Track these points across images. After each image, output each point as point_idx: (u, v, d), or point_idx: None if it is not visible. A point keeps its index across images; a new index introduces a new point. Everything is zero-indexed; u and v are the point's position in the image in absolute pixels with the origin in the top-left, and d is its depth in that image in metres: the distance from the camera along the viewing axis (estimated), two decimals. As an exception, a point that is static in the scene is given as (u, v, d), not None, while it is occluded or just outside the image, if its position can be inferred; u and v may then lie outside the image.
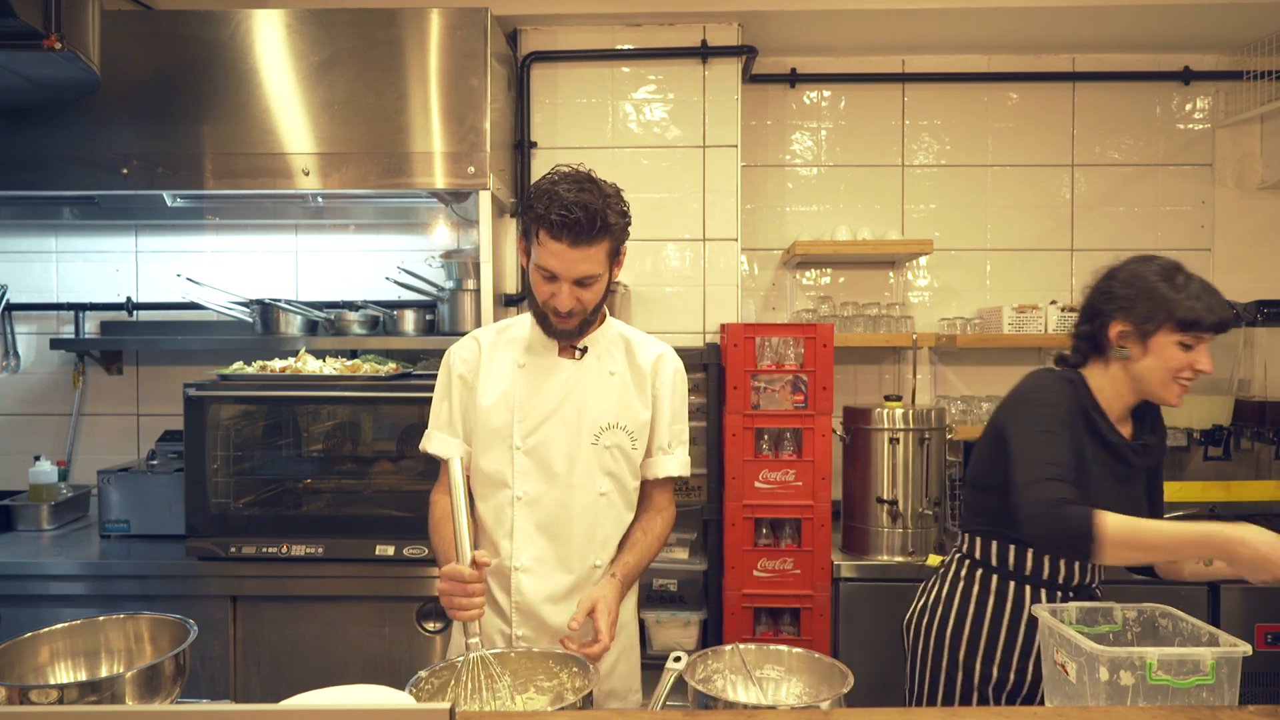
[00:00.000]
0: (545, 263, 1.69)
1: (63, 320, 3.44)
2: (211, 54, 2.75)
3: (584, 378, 1.81)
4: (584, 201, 1.63)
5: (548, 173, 1.73)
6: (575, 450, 1.79)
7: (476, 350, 1.85)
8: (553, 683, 1.56)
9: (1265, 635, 2.69)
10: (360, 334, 3.01)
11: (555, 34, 3.25)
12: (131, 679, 1.35)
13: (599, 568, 1.80)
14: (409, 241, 3.39)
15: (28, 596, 2.67)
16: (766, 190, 3.53)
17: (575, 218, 1.63)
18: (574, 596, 1.78)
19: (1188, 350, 1.80)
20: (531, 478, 1.79)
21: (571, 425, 1.79)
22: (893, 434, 2.83)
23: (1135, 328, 1.83)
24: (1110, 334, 1.86)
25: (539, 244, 1.69)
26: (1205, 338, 1.80)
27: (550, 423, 1.79)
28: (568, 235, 1.64)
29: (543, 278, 1.72)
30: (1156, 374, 1.82)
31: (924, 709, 1.73)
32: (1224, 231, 3.46)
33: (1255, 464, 3.03)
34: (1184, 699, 1.37)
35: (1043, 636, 1.58)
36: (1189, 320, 1.79)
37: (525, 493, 1.78)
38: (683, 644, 2.92)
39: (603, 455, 1.79)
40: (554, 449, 1.78)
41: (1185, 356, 1.80)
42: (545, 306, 1.74)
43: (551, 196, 1.65)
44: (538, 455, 1.78)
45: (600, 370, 1.83)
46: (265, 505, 2.84)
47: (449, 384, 1.86)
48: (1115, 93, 3.46)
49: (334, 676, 1.72)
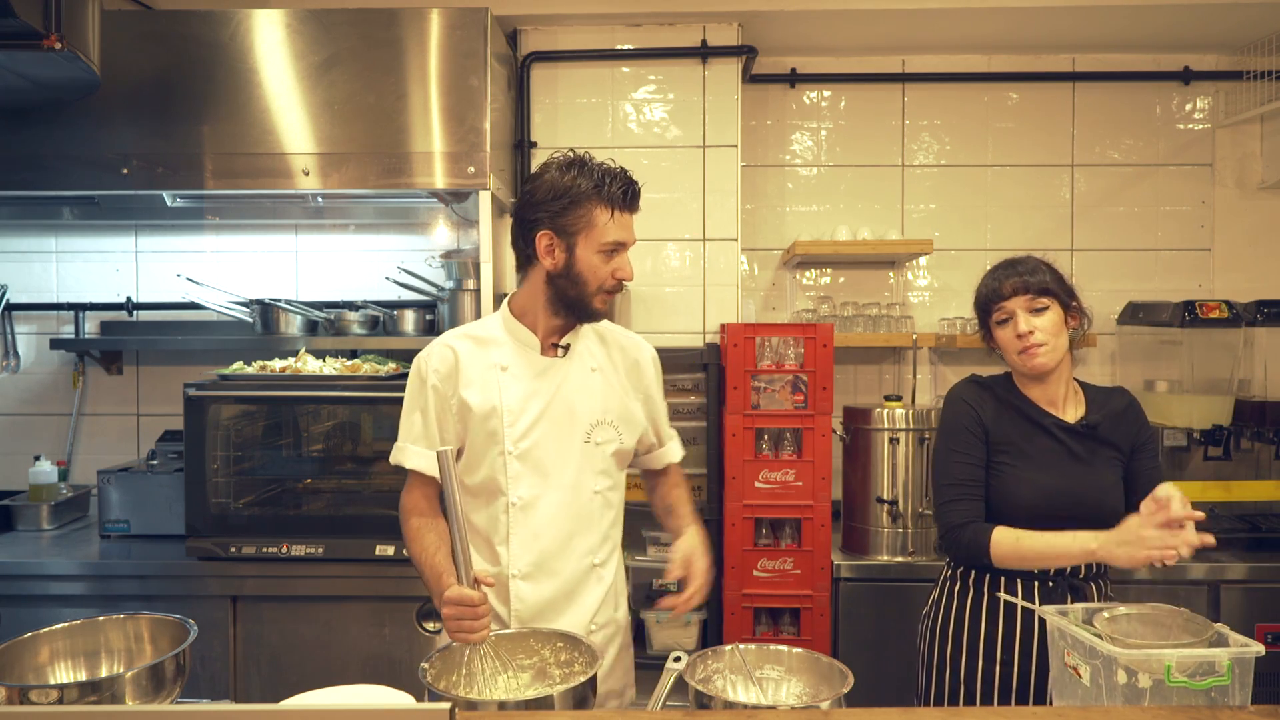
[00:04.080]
0: (615, 236, 1.72)
1: (63, 320, 3.44)
2: (211, 54, 2.75)
3: (570, 376, 1.80)
4: (625, 170, 1.73)
5: (543, 170, 1.74)
6: (568, 450, 1.77)
7: (452, 358, 1.77)
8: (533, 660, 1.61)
9: (1265, 635, 2.69)
10: (360, 334, 3.01)
11: (555, 34, 3.25)
12: (131, 679, 1.35)
13: (596, 566, 1.81)
14: (409, 241, 3.39)
15: (28, 596, 2.67)
16: (766, 190, 3.53)
17: (635, 185, 1.73)
18: (575, 599, 1.78)
19: (1004, 325, 1.92)
20: (525, 482, 1.75)
21: (563, 425, 1.77)
22: (893, 434, 2.83)
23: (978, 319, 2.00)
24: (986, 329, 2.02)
25: (603, 224, 1.70)
26: (1006, 308, 1.91)
27: (542, 424, 1.76)
28: (634, 202, 1.73)
29: (605, 257, 1.72)
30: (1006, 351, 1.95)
31: (924, 709, 1.73)
32: (1224, 231, 3.46)
33: (1255, 464, 3.03)
34: (1195, 699, 1.37)
35: (1051, 639, 1.57)
36: (978, 301, 1.97)
37: (520, 498, 1.75)
38: (683, 644, 2.91)
39: (595, 453, 1.79)
40: (547, 451, 1.76)
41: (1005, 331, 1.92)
42: (602, 288, 1.74)
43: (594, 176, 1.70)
44: (531, 459, 1.75)
45: (583, 368, 1.82)
46: (265, 505, 2.83)
47: (423, 394, 1.77)
48: (1115, 93, 3.46)
49: (334, 676, 1.71)
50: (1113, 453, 1.92)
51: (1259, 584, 2.75)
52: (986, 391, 1.98)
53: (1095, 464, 1.90)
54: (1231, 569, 2.75)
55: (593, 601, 1.80)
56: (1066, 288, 1.92)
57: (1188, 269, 3.47)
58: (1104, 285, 3.46)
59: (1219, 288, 3.45)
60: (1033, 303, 1.87)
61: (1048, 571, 1.88)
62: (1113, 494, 1.89)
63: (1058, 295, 1.89)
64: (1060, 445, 1.90)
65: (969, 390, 2.00)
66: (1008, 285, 1.89)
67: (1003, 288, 1.89)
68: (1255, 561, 2.77)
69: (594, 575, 1.80)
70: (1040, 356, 1.87)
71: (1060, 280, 1.92)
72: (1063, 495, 1.86)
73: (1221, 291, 3.43)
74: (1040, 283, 1.87)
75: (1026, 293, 1.87)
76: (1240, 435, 2.98)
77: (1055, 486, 1.87)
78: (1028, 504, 1.87)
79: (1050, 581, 1.88)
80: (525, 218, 1.74)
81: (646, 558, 2.97)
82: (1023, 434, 1.91)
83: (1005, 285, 1.89)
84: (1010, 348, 1.91)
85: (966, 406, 1.96)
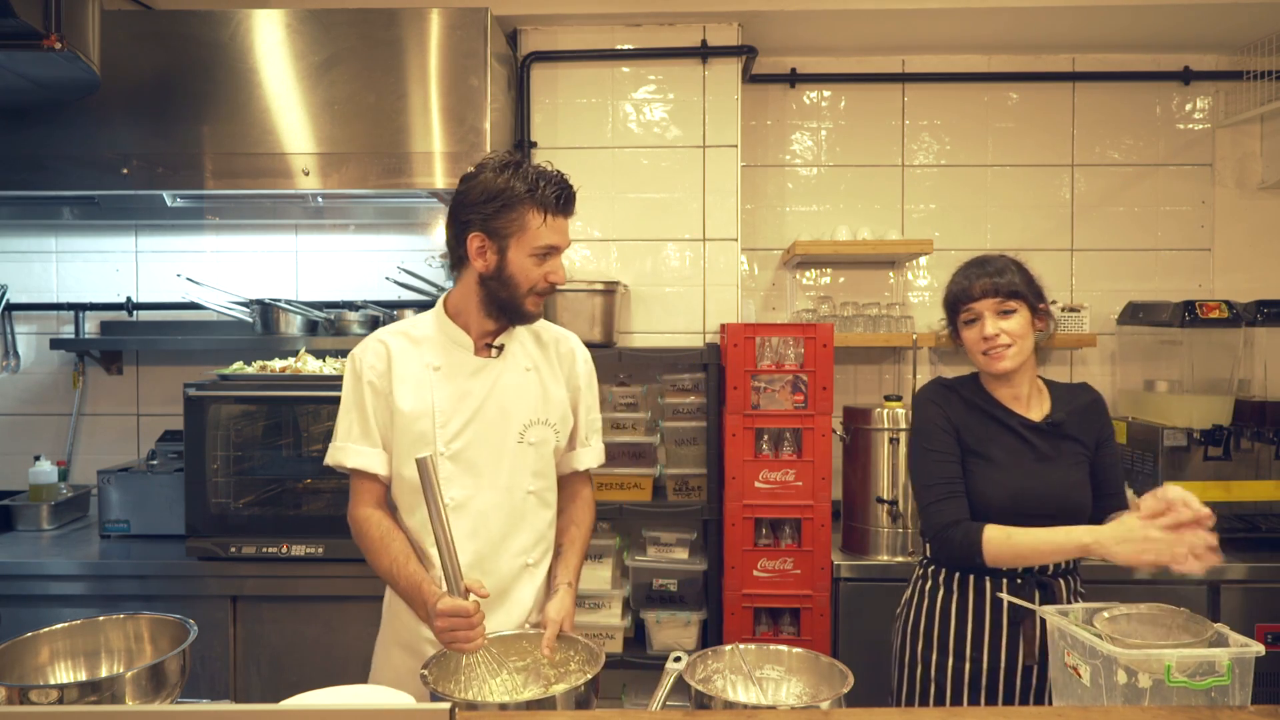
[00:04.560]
0: (548, 240, 1.71)
1: (63, 320, 3.44)
2: (211, 54, 2.75)
3: (503, 375, 1.79)
4: (562, 175, 1.72)
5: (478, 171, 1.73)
6: (501, 451, 1.77)
7: (385, 354, 1.76)
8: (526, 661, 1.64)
9: (1265, 635, 2.69)
10: (360, 334, 3.01)
11: (555, 34, 3.25)
12: (131, 679, 1.35)
13: (530, 565, 1.81)
14: (409, 241, 3.39)
15: (28, 596, 2.67)
16: (766, 190, 3.53)
17: (570, 189, 1.72)
18: (510, 596, 1.79)
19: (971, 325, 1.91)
20: (458, 483, 1.74)
21: (496, 425, 1.77)
22: (893, 434, 2.83)
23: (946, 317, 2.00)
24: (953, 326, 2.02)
25: (535, 227, 1.69)
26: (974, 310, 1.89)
27: (474, 425, 1.75)
28: (569, 206, 1.72)
29: (538, 260, 1.72)
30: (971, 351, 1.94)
31: (924, 709, 1.74)
32: (1224, 231, 3.46)
33: (1255, 464, 3.02)
34: (1195, 699, 1.37)
35: (1051, 639, 1.58)
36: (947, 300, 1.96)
37: (453, 499, 1.72)
38: (682, 644, 2.91)
39: (528, 453, 1.79)
40: (480, 451, 1.75)
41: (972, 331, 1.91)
42: (533, 290, 1.73)
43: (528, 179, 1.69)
44: (464, 459, 1.74)
45: (517, 367, 1.81)
46: (265, 505, 2.83)
47: (359, 391, 1.76)
48: (1115, 93, 3.46)
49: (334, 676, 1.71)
50: (1078, 449, 1.92)
51: (1259, 584, 2.75)
52: (953, 393, 1.98)
53: (1060, 461, 1.90)
54: (1231, 569, 2.75)
55: (526, 599, 1.80)
56: (1035, 289, 1.91)
57: (1188, 269, 3.47)
58: (1104, 285, 3.46)
59: (1219, 288, 3.45)
60: (1001, 305, 1.86)
61: (1015, 568, 1.87)
62: (1078, 490, 1.89)
63: (1026, 298, 1.88)
64: (1025, 444, 1.90)
65: (936, 392, 2.00)
66: (977, 286, 1.87)
67: (972, 289, 1.88)
68: (1255, 561, 2.76)
69: (527, 574, 1.81)
70: (1005, 360, 1.87)
71: (1029, 282, 1.91)
72: (1028, 494, 1.86)
73: (1221, 291, 3.43)
74: (1009, 285, 1.86)
75: (996, 295, 1.86)
76: (1240, 435, 2.98)
77: (1021, 486, 1.87)
78: (996, 504, 1.86)
79: (1019, 579, 1.87)
80: (458, 218, 1.73)
81: (646, 557, 2.98)
82: (989, 434, 1.92)
83: (974, 286, 1.88)
84: (975, 348, 1.91)
85: (936, 408, 1.96)
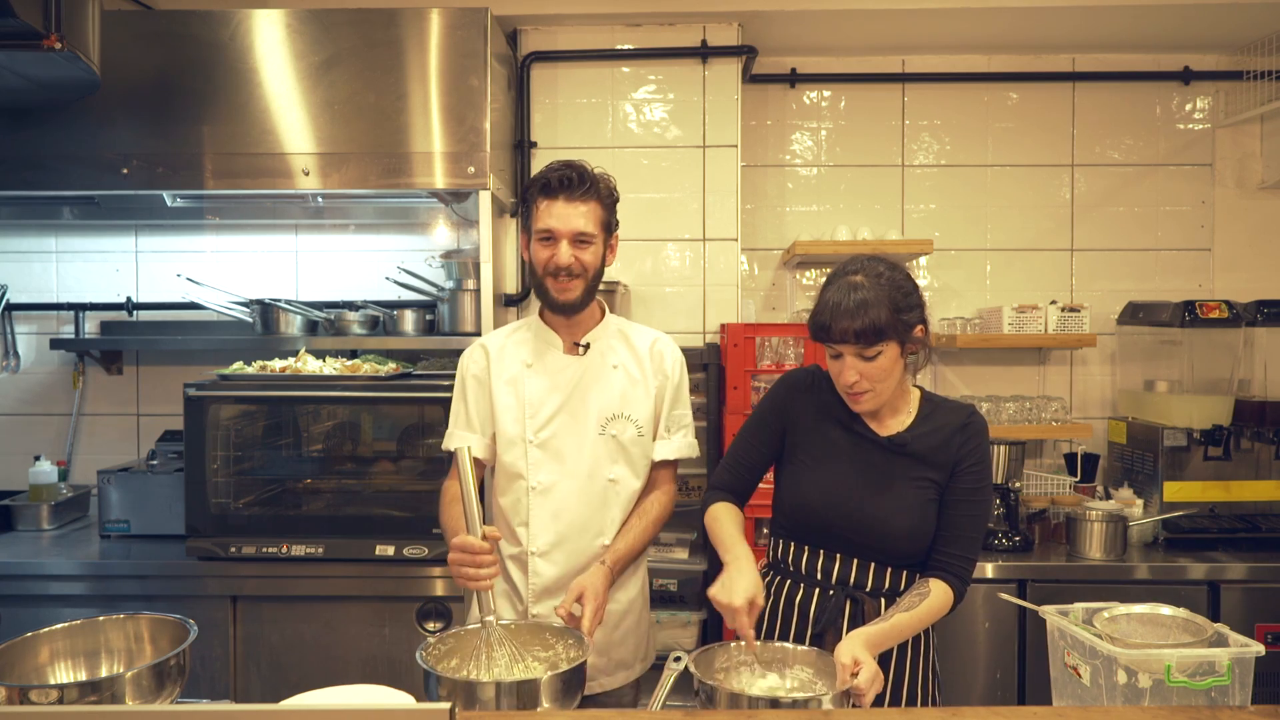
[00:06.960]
0: (545, 224, 1.83)
1: (63, 320, 3.44)
2: (211, 54, 2.75)
3: (588, 372, 1.93)
4: (571, 162, 1.86)
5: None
6: (583, 441, 1.90)
7: (484, 357, 1.98)
8: (549, 653, 1.65)
9: (1265, 635, 2.69)
10: (360, 334, 3.01)
11: (555, 34, 3.25)
12: (131, 679, 1.35)
13: (608, 547, 1.90)
14: (409, 241, 3.39)
15: (28, 596, 2.67)
16: (766, 190, 3.53)
17: (566, 174, 1.83)
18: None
19: (835, 360, 1.72)
20: (544, 469, 1.90)
21: (579, 418, 1.91)
22: (892, 434, 2.82)
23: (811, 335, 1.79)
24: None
25: (537, 213, 1.85)
26: (836, 348, 1.70)
27: (559, 417, 1.91)
28: (563, 191, 1.82)
29: (543, 244, 1.85)
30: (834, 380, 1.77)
31: (924, 709, 1.73)
32: (1224, 231, 3.46)
33: (1255, 464, 3.03)
34: (1195, 699, 1.37)
35: (1051, 639, 1.58)
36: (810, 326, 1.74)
37: (539, 483, 1.90)
38: (682, 644, 2.91)
39: (609, 444, 1.91)
40: (565, 440, 1.90)
41: (834, 366, 1.73)
42: (546, 273, 1.85)
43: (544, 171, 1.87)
44: (550, 447, 1.91)
45: (604, 364, 1.94)
46: (265, 505, 2.83)
47: (464, 387, 1.99)
48: (1115, 93, 3.46)
49: (334, 676, 1.72)
50: (924, 472, 1.75)
51: (1259, 584, 2.75)
52: (814, 388, 1.85)
53: (894, 482, 1.75)
54: (1231, 569, 2.75)
55: None
56: (904, 321, 1.68)
57: (1188, 269, 3.47)
58: (1104, 285, 3.46)
59: (1219, 288, 3.45)
60: (863, 351, 1.67)
61: (830, 578, 1.78)
62: (905, 517, 1.73)
63: (892, 334, 1.67)
64: (861, 457, 1.78)
65: (800, 380, 1.88)
66: (836, 330, 1.67)
67: (832, 330, 1.68)
68: (1255, 561, 2.77)
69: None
70: (864, 403, 1.73)
71: (899, 312, 1.67)
72: (836, 507, 1.75)
73: (1221, 291, 3.43)
74: (872, 328, 1.64)
75: (856, 342, 1.66)
76: (1240, 435, 2.99)
77: (834, 495, 1.76)
78: (803, 503, 1.79)
79: (830, 590, 1.77)
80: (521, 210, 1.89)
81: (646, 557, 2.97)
82: (829, 438, 1.80)
83: (834, 328, 1.67)
84: (838, 382, 1.75)
85: (783, 397, 1.87)
